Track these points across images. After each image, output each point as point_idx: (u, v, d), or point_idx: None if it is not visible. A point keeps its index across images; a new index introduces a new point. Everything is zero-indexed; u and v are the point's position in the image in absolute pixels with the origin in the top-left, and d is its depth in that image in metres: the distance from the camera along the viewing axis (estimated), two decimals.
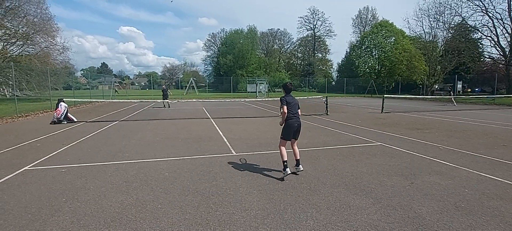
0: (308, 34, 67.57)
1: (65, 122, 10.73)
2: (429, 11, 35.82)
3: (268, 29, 69.49)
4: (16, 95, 19.62)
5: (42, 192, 3.74)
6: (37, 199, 3.52)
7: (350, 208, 3.27)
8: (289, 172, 4.23)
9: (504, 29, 31.21)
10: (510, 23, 30.39)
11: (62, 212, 3.17)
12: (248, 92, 37.39)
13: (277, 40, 70.65)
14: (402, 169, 4.82)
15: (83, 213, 3.13)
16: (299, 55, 70.31)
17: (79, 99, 17.75)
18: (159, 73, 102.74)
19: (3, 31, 24.67)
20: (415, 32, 39.50)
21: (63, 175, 4.46)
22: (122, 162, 5.20)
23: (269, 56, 64.99)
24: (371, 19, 60.59)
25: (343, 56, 59.46)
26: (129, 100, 21.39)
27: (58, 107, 10.87)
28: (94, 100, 20.17)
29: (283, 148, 4.35)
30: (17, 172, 4.63)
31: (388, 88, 43.08)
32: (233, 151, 6.09)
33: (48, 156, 5.64)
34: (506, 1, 30.01)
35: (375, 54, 49.65)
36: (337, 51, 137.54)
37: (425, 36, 37.79)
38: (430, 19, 35.57)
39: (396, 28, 47.31)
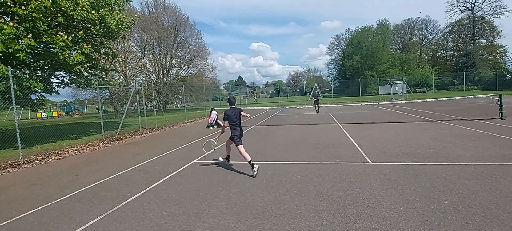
0: (463, 17, 52.78)
1: (216, 127, 13.23)
2: None
3: (404, 20, 59.56)
4: (184, 106, 26.31)
5: (205, 181, 4.70)
6: (202, 185, 4.46)
7: None
8: (257, 167, 4.81)
9: None
10: None
11: (220, 198, 3.84)
12: (380, 94, 33.37)
13: (416, 31, 59.54)
14: None
15: (234, 202, 3.68)
16: (450, 45, 55.86)
17: (223, 108, 21.72)
18: (284, 81, 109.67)
19: (176, 59, 33.77)
20: None
21: (218, 169, 5.46)
22: (260, 162, 5.78)
23: (407, 51, 55.68)
24: None
25: None
26: (260, 108, 23.94)
27: (210, 115, 13.58)
28: None
29: (243, 151, 4.98)
30: (189, 163, 6.06)
31: None
32: (368, 159, 5.52)
33: (206, 153, 7.09)
34: None
35: None
36: None
37: None
38: None
39: None
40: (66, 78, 11.10)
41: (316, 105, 17.97)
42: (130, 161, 6.65)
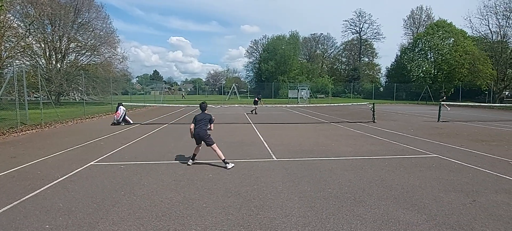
0: (353, 38, 64.88)
1: (123, 124, 11.94)
2: (497, 8, 31.51)
3: (311, 34, 68.49)
4: (84, 100, 22.55)
5: (105, 185, 4.22)
6: (101, 190, 3.99)
7: (399, 222, 3.03)
8: (191, 163, 5.44)
9: None
10: None
11: (121, 204, 3.53)
12: (290, 98, 37.14)
13: (320, 45, 69.19)
14: (462, 184, 4.31)
15: (138, 206, 3.45)
16: (344, 59, 67.71)
17: (134, 104, 19.65)
18: (204, 80, 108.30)
19: (76, 43, 28.62)
20: (480, 32, 35.13)
21: (122, 171, 4.97)
22: (171, 162, 5.60)
23: (312, 61, 63.82)
24: (425, 19, 55.67)
25: (393, 60, 55.55)
26: (177, 105, 22.91)
27: (117, 110, 12.16)
28: (147, 104, 22.09)
29: (196, 148, 5.61)
30: (85, 166, 5.29)
31: (446, 94, 38.86)
32: (274, 157, 6.11)
33: (109, 153, 6.34)
34: None
35: (430, 57, 45.39)
36: (386, 55, 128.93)
37: (492, 36, 33.40)
38: (498, 17, 31.36)
39: (455, 28, 42.66)
40: None
41: (255, 106, 18.00)
42: (0, 165, 5.30)
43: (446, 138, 8.65)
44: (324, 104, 18.65)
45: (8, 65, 20.79)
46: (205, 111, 5.82)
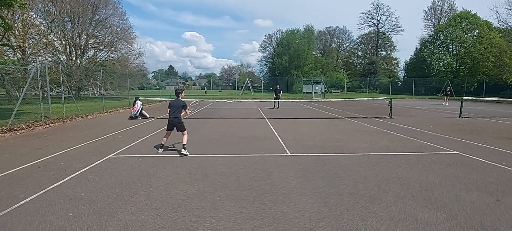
0: (370, 31, 62.79)
1: (140, 118, 12.26)
2: None
3: (326, 28, 66.94)
4: (102, 94, 23.32)
5: (123, 177, 4.36)
6: (119, 182, 4.13)
7: (417, 221, 2.95)
8: (161, 151, 5.81)
9: None
10: None
11: (139, 194, 3.65)
12: (304, 93, 36.74)
13: (335, 39, 67.64)
14: (486, 183, 4.12)
15: (154, 197, 3.56)
16: (360, 53, 65.79)
17: (151, 98, 20.14)
18: (218, 75, 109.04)
19: (94, 40, 29.52)
20: (507, 23, 33.15)
21: (139, 163, 5.12)
22: (186, 155, 5.70)
23: (326, 55, 62.57)
24: (447, 10, 52.97)
25: (412, 54, 53.44)
26: (190, 99, 23.21)
27: (134, 105, 12.49)
28: (162, 99, 22.55)
29: (166, 133, 5.99)
30: (105, 158, 5.49)
31: (469, 89, 37.12)
32: (288, 151, 6.09)
33: (127, 146, 6.54)
34: None
35: (452, 51, 43.29)
36: (404, 49, 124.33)
37: None
38: None
39: (480, 19, 40.35)
40: None
41: (276, 101, 17.59)
42: (27, 156, 5.59)
43: (468, 134, 8.29)
44: (339, 99, 18.30)
45: (32, 61, 21.77)
46: (179, 97, 6.13)
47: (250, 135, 8.20)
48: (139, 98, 13.00)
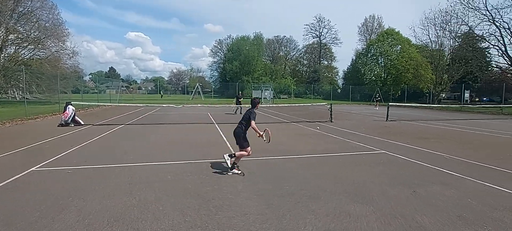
0: (314, 42, 67.77)
1: (72, 125, 10.94)
2: (435, 20, 35.47)
3: (274, 36, 69.85)
4: (26, 98, 20.11)
5: (50, 192, 3.84)
6: (45, 198, 3.62)
7: (349, 215, 3.27)
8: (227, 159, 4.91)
9: (511, 38, 30.83)
10: None
11: (69, 210, 3.25)
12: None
13: (283, 47, 70.95)
14: (405, 178, 4.79)
15: (88, 212, 3.22)
16: (305, 62, 70.43)
17: (87, 103, 18.10)
18: (166, 79, 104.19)
19: (15, 35, 25.39)
20: (421, 41, 39.28)
21: (70, 176, 4.57)
22: (127, 165, 5.30)
23: (275, 63, 65.19)
24: (377, 27, 60.46)
25: (349, 64, 59.34)
26: (134, 105, 21.64)
27: (66, 110, 11.11)
28: (101, 104, 20.55)
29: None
30: (26, 172, 4.75)
31: (394, 96, 42.75)
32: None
33: (55, 158, 5.78)
34: None
35: (381, 62, 49.49)
36: (343, 59, 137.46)
37: (432, 45, 37.56)
38: (436, 28, 35.33)
39: (402, 36, 47.16)
40: None
41: (238, 106, 17.66)
42: None
43: (393, 135, 9.53)
44: (286, 105, 19.26)
45: None
46: (253, 109, 5.15)
47: (199, 140, 8.03)
48: (71, 102, 11.61)
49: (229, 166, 4.78)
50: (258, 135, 4.90)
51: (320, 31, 66.39)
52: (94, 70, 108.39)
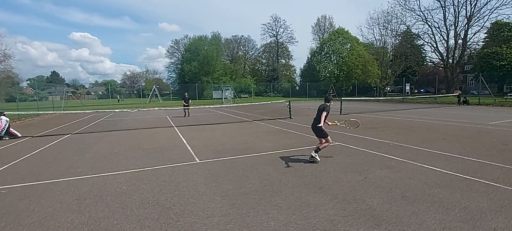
0: (271, 41, 69.31)
1: (7, 138, 9.58)
2: (379, 20, 39.14)
3: (232, 36, 69.83)
4: None
5: None
6: None
7: (309, 206, 3.42)
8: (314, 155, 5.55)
9: (441, 36, 35.42)
10: (446, 31, 34.57)
11: None
12: (214, 99, 36.99)
13: (241, 47, 71.30)
14: (357, 165, 5.17)
15: None
16: (264, 61, 71.57)
17: (24, 112, 15.91)
18: (119, 82, 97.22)
19: None
20: (368, 39, 42.90)
21: (2, 197, 3.99)
22: (73, 178, 4.81)
23: (235, 62, 65.19)
24: (328, 26, 64.08)
25: (305, 62, 61.96)
26: (83, 111, 19.73)
27: None
28: (42, 112, 18.28)
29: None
30: None
31: (346, 91, 45.85)
32: (196, 159, 5.99)
33: None
34: (442, 12, 34.14)
35: (334, 60, 52.58)
36: (299, 57, 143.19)
37: (377, 43, 41.24)
38: (380, 27, 38.90)
39: (351, 35, 50.70)
40: None
41: (185, 109, 16.91)
42: None
43: (346, 128, 10.18)
44: (247, 104, 19.37)
45: None
46: (327, 103, 5.94)
47: (157, 145, 7.65)
48: (4, 113, 10.15)
49: (318, 158, 5.44)
50: (329, 124, 6.05)
51: (277, 30, 68.21)
52: (33, 75, 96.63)
